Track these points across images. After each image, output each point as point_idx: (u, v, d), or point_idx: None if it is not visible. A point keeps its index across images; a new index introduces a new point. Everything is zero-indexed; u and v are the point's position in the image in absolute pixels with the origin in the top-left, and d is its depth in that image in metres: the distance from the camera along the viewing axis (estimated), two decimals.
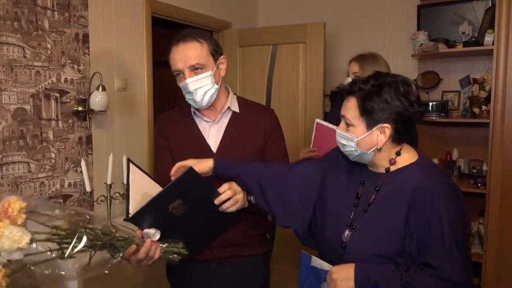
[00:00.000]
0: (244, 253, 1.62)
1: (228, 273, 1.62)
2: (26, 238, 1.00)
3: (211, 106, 1.60)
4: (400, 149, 1.26)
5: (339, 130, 1.27)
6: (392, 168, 1.26)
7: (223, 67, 1.60)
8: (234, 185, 1.43)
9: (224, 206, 1.40)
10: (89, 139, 2.39)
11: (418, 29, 3.25)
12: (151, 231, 1.28)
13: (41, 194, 2.13)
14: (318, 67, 3.26)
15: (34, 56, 2.10)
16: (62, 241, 1.09)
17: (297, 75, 3.36)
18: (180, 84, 1.55)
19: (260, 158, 1.64)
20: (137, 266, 1.31)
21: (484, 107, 2.88)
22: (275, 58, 3.43)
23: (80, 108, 2.32)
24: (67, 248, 1.09)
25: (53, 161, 2.21)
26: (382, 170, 1.27)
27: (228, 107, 1.63)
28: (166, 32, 3.98)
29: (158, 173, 1.65)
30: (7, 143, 2.00)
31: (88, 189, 2.23)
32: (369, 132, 1.21)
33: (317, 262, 1.32)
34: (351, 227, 1.27)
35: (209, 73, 1.52)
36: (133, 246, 1.24)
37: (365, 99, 1.20)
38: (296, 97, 3.37)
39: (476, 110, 2.94)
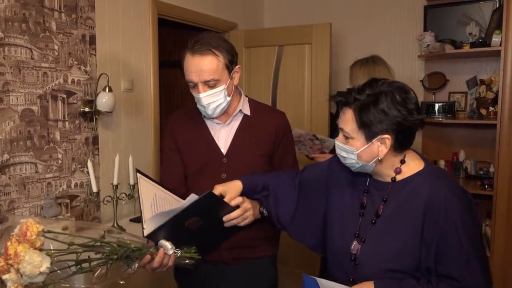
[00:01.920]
0: (252, 255, 1.61)
1: (236, 275, 1.61)
2: (47, 263, 1.04)
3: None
4: (404, 157, 1.22)
5: (338, 143, 1.24)
6: (398, 177, 1.22)
7: (237, 75, 1.58)
8: (246, 203, 1.43)
9: (232, 222, 1.41)
10: (95, 140, 2.40)
11: (425, 29, 3.24)
12: (168, 245, 1.29)
13: (48, 194, 2.14)
14: (324, 68, 3.25)
15: (41, 57, 2.11)
16: (79, 257, 1.13)
17: (303, 76, 3.36)
18: (193, 94, 1.53)
19: (268, 161, 1.63)
20: (152, 273, 1.34)
21: (491, 108, 2.86)
22: (280, 59, 3.43)
23: (86, 109, 2.33)
24: (85, 263, 1.13)
25: (60, 161, 2.22)
26: (388, 179, 1.24)
27: (240, 110, 1.61)
28: (172, 32, 4.00)
29: (163, 175, 1.65)
30: (15, 143, 2.02)
31: (94, 189, 2.24)
32: (368, 144, 1.17)
33: (326, 285, 1.23)
34: (359, 239, 1.24)
35: (222, 87, 1.49)
36: (147, 257, 1.27)
37: (361, 111, 1.16)
38: (302, 98, 3.37)
39: (483, 111, 2.92)
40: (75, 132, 2.30)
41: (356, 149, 1.19)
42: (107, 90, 2.30)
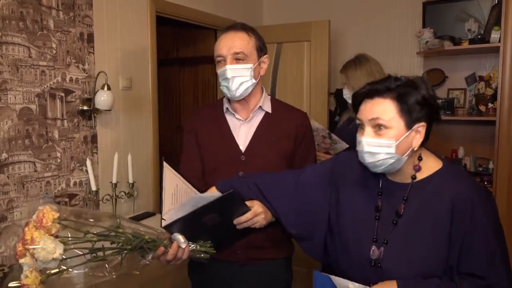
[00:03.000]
0: (267, 256, 1.60)
1: (250, 275, 1.60)
2: (59, 249, 1.08)
3: (244, 101, 1.59)
4: (420, 154, 1.18)
5: (368, 138, 1.14)
6: (419, 175, 1.18)
7: (264, 66, 1.60)
8: (256, 206, 1.40)
9: (243, 225, 1.39)
10: (94, 138, 2.40)
11: (424, 26, 3.24)
12: (181, 238, 1.29)
13: (47, 193, 2.14)
14: (323, 65, 3.25)
15: (39, 55, 2.11)
16: (94, 246, 1.16)
17: (301, 73, 3.35)
18: (219, 70, 1.54)
19: (288, 162, 1.60)
20: (167, 265, 1.34)
21: (490, 105, 2.86)
22: (279, 56, 3.43)
23: (85, 107, 2.32)
24: (100, 251, 1.16)
25: (58, 160, 2.21)
26: (405, 179, 1.19)
27: (260, 107, 1.61)
28: (171, 30, 3.99)
29: (182, 170, 1.62)
30: (13, 142, 2.01)
31: (93, 188, 2.24)
32: (408, 133, 1.11)
33: (340, 282, 1.18)
34: (380, 243, 1.19)
35: (250, 65, 1.52)
36: (161, 249, 1.28)
37: (403, 96, 1.11)
38: (301, 95, 3.36)
39: (482, 107, 2.92)
40: (74, 130, 2.29)
41: (395, 139, 1.11)
42: (105, 88, 2.30)
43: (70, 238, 1.13)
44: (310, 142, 1.68)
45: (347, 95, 2.51)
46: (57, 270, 1.11)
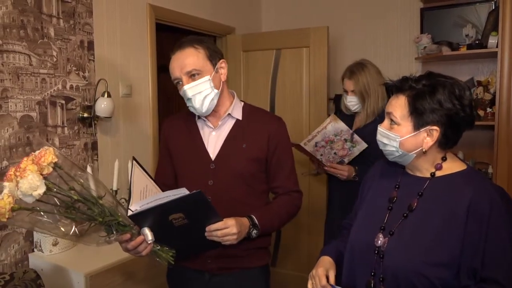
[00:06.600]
0: (241, 266, 1.56)
1: (222, 285, 1.57)
2: (41, 190, 1.14)
3: (214, 112, 1.56)
4: (445, 155, 1.21)
5: (382, 129, 1.22)
6: (438, 173, 1.20)
7: (223, 71, 1.56)
8: (231, 225, 1.37)
9: (213, 235, 1.37)
10: (94, 145, 2.41)
11: (422, 32, 3.26)
12: (149, 235, 1.31)
13: None
14: (322, 71, 3.26)
15: (40, 63, 2.12)
16: (71, 203, 1.22)
17: (300, 79, 3.36)
18: (180, 92, 1.52)
19: (262, 169, 1.58)
20: (125, 252, 1.38)
21: (489, 110, 2.87)
22: (278, 62, 3.44)
23: (85, 115, 2.33)
24: (73, 210, 1.22)
25: None
26: (425, 175, 1.22)
27: (229, 114, 1.58)
28: (171, 37, 4.00)
29: (156, 178, 1.65)
30: (14, 150, 2.02)
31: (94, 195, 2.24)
32: (415, 133, 1.16)
33: None
34: (386, 232, 1.20)
35: (207, 78, 1.49)
36: (127, 235, 1.30)
37: (416, 98, 1.15)
38: (300, 101, 3.37)
39: (481, 112, 2.93)
40: (74, 137, 2.30)
41: (400, 136, 1.17)
42: (105, 95, 2.31)
43: (55, 186, 1.18)
44: (285, 150, 1.62)
45: (353, 102, 2.39)
46: (30, 207, 1.16)
